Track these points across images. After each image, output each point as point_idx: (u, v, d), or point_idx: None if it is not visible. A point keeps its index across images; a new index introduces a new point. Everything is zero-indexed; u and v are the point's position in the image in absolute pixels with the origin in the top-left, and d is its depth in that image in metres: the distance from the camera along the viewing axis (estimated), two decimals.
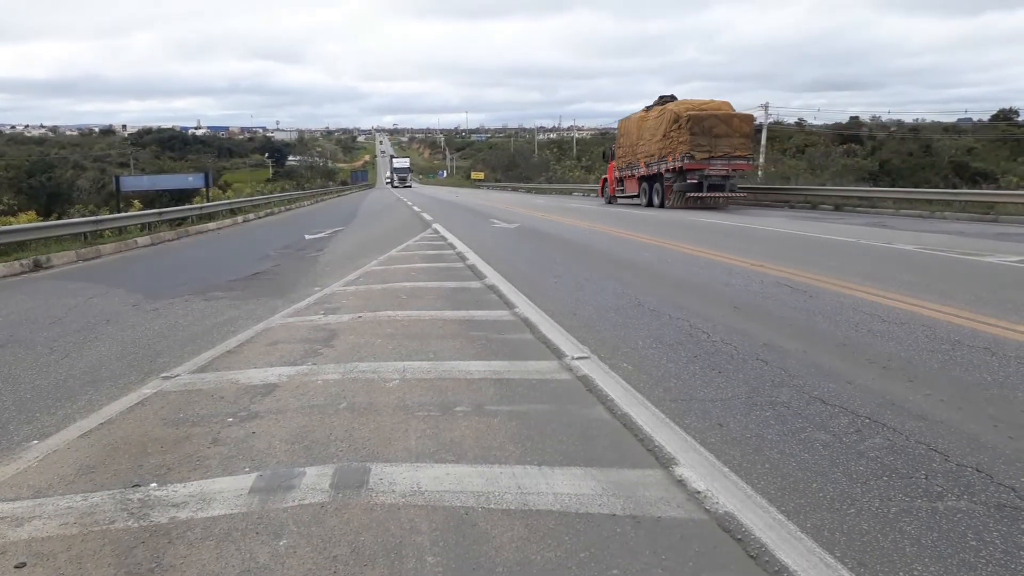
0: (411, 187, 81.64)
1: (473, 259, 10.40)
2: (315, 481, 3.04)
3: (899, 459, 3.14)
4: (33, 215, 23.57)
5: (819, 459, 3.16)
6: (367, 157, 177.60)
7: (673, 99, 25.59)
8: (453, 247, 12.45)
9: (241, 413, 3.96)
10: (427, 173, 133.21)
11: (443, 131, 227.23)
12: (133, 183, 26.47)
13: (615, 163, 29.45)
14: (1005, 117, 67.84)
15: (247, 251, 14.17)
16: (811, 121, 67.10)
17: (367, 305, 7.08)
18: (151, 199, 29.36)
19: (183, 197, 29.00)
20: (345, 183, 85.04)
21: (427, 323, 6.16)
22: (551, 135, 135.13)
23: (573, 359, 4.77)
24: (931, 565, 2.33)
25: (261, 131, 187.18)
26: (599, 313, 6.40)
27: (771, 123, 48.04)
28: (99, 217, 17.47)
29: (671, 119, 23.42)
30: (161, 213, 19.18)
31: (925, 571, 2.30)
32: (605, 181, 31.54)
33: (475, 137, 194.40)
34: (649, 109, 26.29)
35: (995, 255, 10.00)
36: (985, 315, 5.82)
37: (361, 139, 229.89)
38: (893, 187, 28.35)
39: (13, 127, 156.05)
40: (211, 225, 20.98)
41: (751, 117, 24.67)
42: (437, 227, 17.31)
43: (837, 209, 22.21)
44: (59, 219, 18.38)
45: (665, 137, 23.74)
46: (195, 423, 3.83)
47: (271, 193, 38.41)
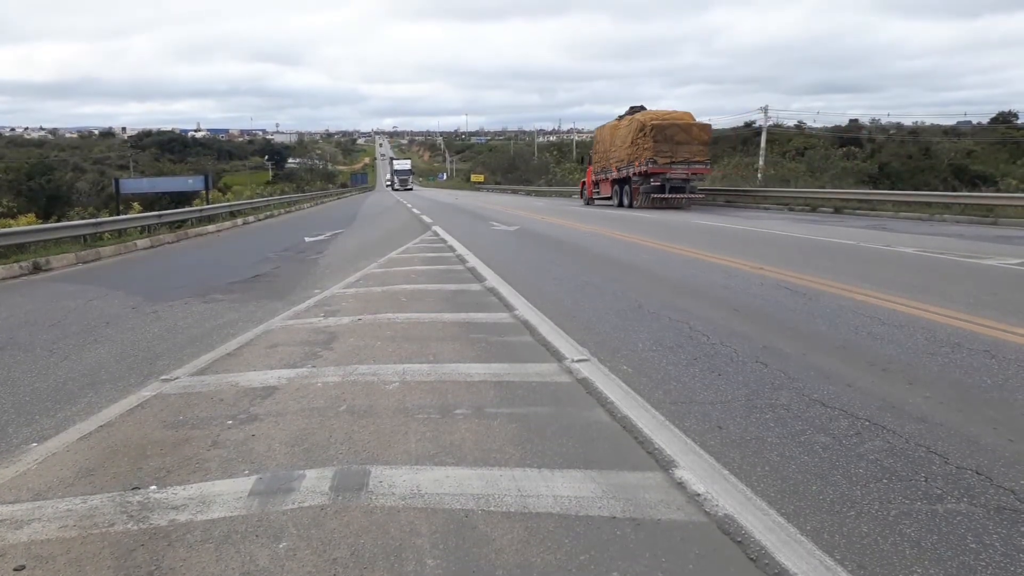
0: (412, 190, 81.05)
1: (473, 261, 10.41)
2: (315, 484, 3.04)
3: (899, 462, 3.13)
4: (32, 217, 23.61)
5: (819, 461, 3.16)
6: (367, 160, 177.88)
7: (643, 109, 27.59)
8: (453, 249, 12.46)
9: (241, 416, 3.96)
10: (427, 175, 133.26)
11: (443, 133, 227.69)
12: (133, 185, 26.50)
13: (592, 167, 31.90)
14: (1004, 120, 68.04)
15: (247, 253, 14.16)
16: (811, 124, 67.28)
17: (367, 307, 7.09)
18: (151, 202, 29.47)
19: (183, 200, 29.05)
20: (345, 186, 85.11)
21: (427, 325, 6.16)
22: (551, 137, 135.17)
23: (573, 361, 4.77)
24: (931, 568, 2.33)
25: (261, 134, 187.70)
26: (599, 315, 6.40)
27: (771, 126, 48.13)
28: (99, 220, 17.41)
29: (638, 128, 25.45)
30: (161, 216, 19.20)
31: (925, 574, 2.30)
32: (583, 184, 33.83)
33: (475, 139, 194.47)
34: (621, 118, 28.54)
35: (995, 258, 10.01)
36: (985, 318, 5.82)
37: (361, 142, 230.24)
38: (893, 190, 28.42)
39: (13, 129, 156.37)
40: (211, 228, 20.97)
41: (709, 126, 26.70)
42: (437, 229, 17.32)
43: (837, 212, 22.26)
44: (58, 221, 18.41)
45: (633, 144, 25.88)
46: (195, 426, 3.83)
47: (271, 196, 38.46)
